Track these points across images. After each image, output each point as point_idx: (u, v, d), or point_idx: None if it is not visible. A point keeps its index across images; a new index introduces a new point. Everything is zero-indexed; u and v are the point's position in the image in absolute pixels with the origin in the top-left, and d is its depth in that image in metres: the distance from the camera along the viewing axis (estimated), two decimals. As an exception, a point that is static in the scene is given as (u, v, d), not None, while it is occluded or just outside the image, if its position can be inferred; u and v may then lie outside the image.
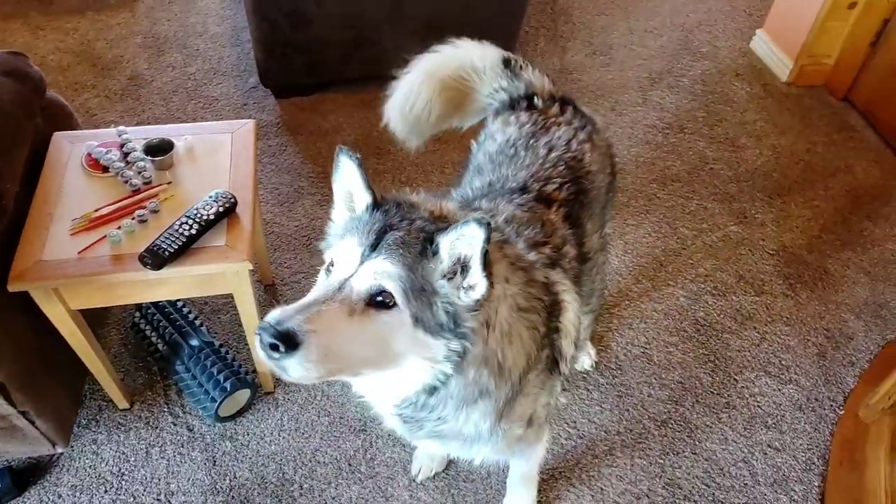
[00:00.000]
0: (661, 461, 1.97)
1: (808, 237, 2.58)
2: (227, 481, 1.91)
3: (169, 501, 1.88)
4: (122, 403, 2.02)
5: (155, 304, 2.13)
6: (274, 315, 0.94)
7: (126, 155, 1.81)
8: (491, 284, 1.01)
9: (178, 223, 1.63)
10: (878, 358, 2.20)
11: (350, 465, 1.95)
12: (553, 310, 1.25)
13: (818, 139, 2.96)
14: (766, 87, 3.19)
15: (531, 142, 1.55)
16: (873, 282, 2.45)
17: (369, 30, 2.78)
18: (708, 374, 2.17)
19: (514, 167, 1.52)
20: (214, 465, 1.94)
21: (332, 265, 1.04)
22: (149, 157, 1.80)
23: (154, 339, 2.08)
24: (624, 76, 3.21)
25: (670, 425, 2.05)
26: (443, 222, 1.05)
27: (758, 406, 2.10)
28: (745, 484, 1.93)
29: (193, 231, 1.62)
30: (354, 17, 2.72)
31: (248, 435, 2.00)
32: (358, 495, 1.89)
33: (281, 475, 1.93)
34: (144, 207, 1.69)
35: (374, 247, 0.99)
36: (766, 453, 2.00)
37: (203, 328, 2.12)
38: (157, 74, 3.09)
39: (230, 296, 1.78)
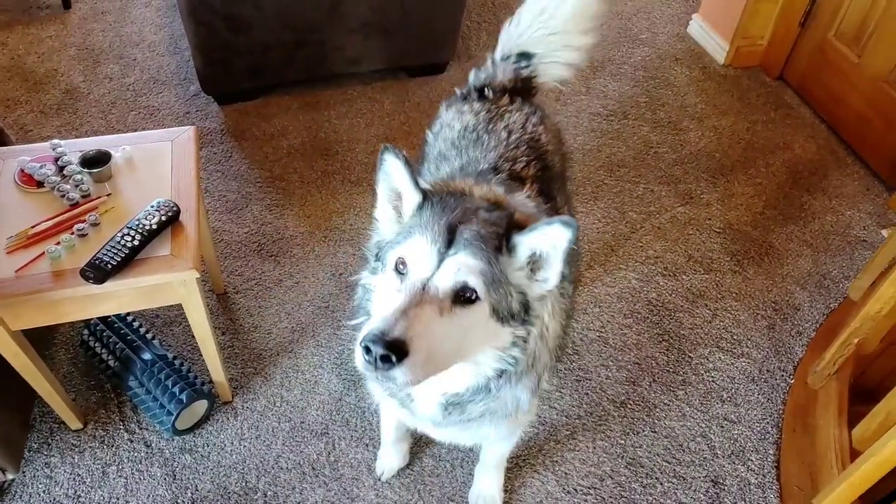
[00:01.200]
0: (623, 441, 2.01)
1: (753, 214, 2.65)
2: (189, 495, 1.88)
3: (129, 521, 1.83)
4: (75, 424, 1.97)
5: (103, 320, 2.07)
6: (378, 326, 0.94)
7: (62, 169, 1.76)
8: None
9: (119, 235, 1.59)
10: (823, 326, 2.27)
11: (314, 468, 1.93)
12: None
13: (757, 118, 3.04)
14: (705, 70, 3.27)
15: (490, 126, 1.63)
16: (815, 253, 2.53)
17: (310, 31, 2.76)
18: (663, 353, 2.21)
19: (482, 150, 1.58)
20: (175, 479, 1.90)
21: (404, 265, 1.05)
22: (86, 170, 1.75)
23: (104, 355, 2.03)
24: (567, 66, 3.24)
25: (629, 406, 2.08)
26: (500, 210, 1.10)
27: (713, 381, 2.15)
28: (705, 458, 1.98)
29: (136, 242, 1.59)
30: (294, 19, 2.70)
31: (207, 446, 1.97)
32: (323, 498, 1.88)
33: (244, 484, 1.90)
34: (84, 221, 1.65)
35: (449, 243, 1.01)
36: (722, 426, 2.04)
37: (155, 341, 2.07)
38: (93, 87, 3.01)
39: (181, 306, 1.74)
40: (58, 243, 1.59)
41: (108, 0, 3.46)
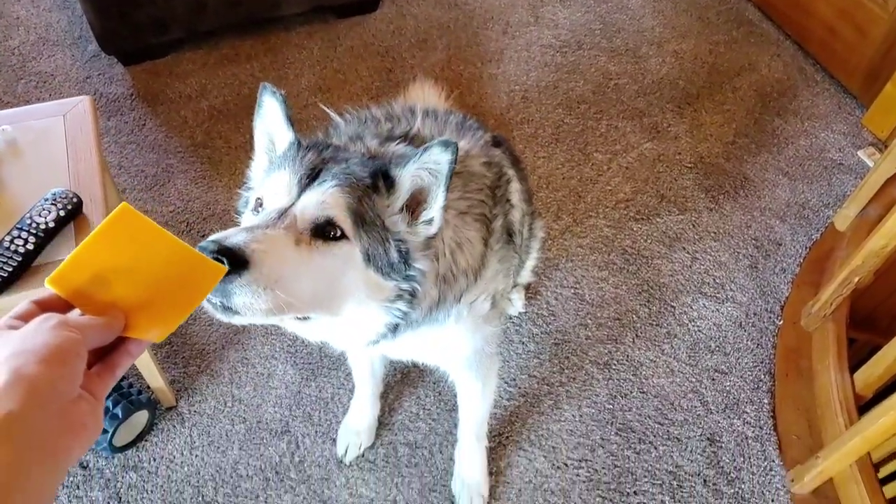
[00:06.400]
0: (610, 406, 1.86)
1: (724, 144, 2.48)
2: (138, 518, 1.66)
3: (71, 556, 1.61)
4: (-7, 455, 1.71)
5: (11, 332, 1.79)
6: (215, 235, 0.81)
7: (-75, 163, 1.44)
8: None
9: (8, 239, 1.33)
10: (807, 260, 2.14)
11: (277, 472, 1.73)
12: (500, 183, 1.22)
13: (719, 38, 2.84)
14: (658, -12, 3.04)
15: None
16: (792, 181, 2.39)
17: (220, -28, 2.41)
18: (644, 306, 2.05)
19: None
20: (120, 502, 1.68)
21: (262, 204, 0.94)
22: (-44, 162, 1.44)
23: (18, 373, 1.75)
24: (511, -7, 2.97)
25: (614, 366, 1.93)
26: (376, 159, 1.01)
27: (699, 331, 2.01)
28: (698, 415, 1.85)
29: (30, 246, 1.33)
30: (199, -41, 2.34)
31: (154, 461, 1.74)
32: (292, 504, 1.68)
33: (200, 499, 1.69)
34: (-40, 226, 1.36)
35: (314, 178, 0.92)
36: (713, 379, 1.92)
37: (77, 350, 1.80)
38: (-28, 54, 2.60)
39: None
40: (-71, 258, 1.30)
41: (-20, -51, 2.99)
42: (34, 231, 1.34)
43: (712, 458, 1.78)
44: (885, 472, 1.77)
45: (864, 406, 1.68)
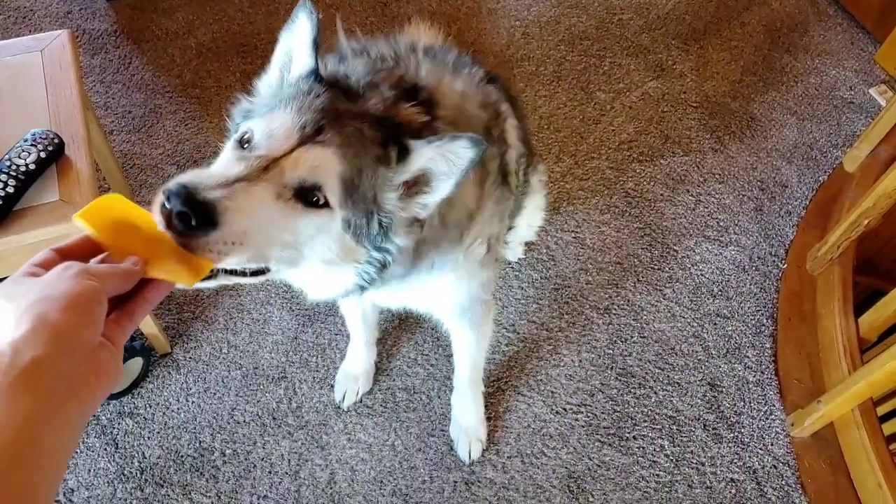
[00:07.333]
0: (610, 351, 1.84)
1: (730, 82, 2.40)
2: (136, 464, 1.65)
3: (70, 501, 1.61)
4: (-14, 402, 1.69)
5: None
6: (187, 178, 0.73)
7: None
8: None
9: (-14, 183, 1.26)
10: (814, 202, 2.10)
11: (274, 418, 1.72)
12: (496, 122, 1.17)
13: (728, -29, 2.73)
14: (666, -82, 2.89)
15: None
16: (800, 121, 2.32)
17: None
18: (646, 250, 2.01)
19: None
20: (117, 448, 1.67)
21: (249, 140, 0.84)
22: (-71, 101, 1.37)
23: (8, 320, 1.72)
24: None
25: (614, 311, 1.90)
26: (400, 127, 0.91)
27: (701, 275, 1.97)
28: (699, 360, 1.83)
29: (10, 189, 1.28)
30: None
31: (150, 407, 1.72)
32: (289, 450, 1.68)
33: (198, 445, 1.68)
34: (-64, 169, 1.30)
35: (319, 130, 0.83)
36: (715, 324, 1.89)
37: (67, 296, 1.76)
38: (-55, -12, 2.48)
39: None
40: None
41: None
42: (14, 174, 1.28)
43: (712, 402, 1.77)
44: (881, 411, 1.77)
45: (865, 350, 1.67)
